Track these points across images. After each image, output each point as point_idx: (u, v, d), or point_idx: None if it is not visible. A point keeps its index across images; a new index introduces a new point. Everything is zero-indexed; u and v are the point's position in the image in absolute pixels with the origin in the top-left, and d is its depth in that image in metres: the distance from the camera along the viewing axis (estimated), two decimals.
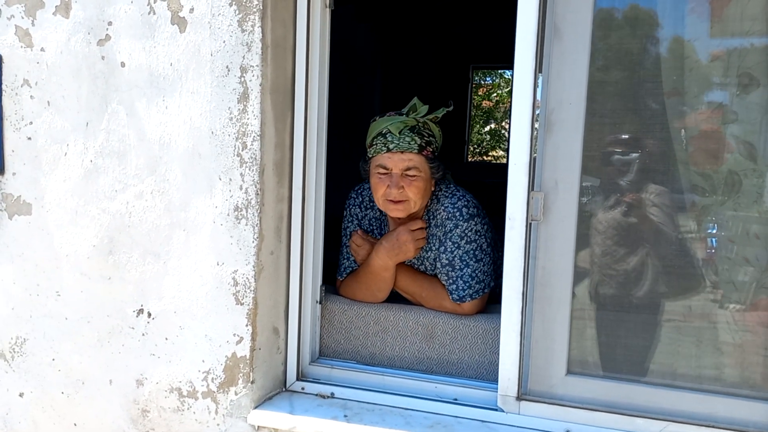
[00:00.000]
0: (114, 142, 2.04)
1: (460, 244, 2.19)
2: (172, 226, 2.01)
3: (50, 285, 2.16)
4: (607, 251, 1.87)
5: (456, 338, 2.14)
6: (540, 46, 1.82)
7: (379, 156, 2.18)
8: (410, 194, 2.15)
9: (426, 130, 2.20)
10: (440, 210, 2.23)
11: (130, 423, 2.12)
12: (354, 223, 2.37)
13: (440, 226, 2.22)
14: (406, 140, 2.15)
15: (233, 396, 2.00)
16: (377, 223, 2.37)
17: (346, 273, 2.36)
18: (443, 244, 2.21)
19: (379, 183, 2.18)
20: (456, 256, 2.19)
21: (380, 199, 2.20)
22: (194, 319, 2.02)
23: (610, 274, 1.88)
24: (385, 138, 2.16)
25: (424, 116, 2.19)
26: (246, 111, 1.91)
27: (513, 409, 1.91)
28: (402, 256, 2.21)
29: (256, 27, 1.88)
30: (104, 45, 2.03)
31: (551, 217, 1.85)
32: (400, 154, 2.15)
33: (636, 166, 1.85)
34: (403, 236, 2.19)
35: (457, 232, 2.19)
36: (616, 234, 1.87)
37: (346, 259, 2.36)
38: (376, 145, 2.18)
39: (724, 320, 1.81)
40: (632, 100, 1.85)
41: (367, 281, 2.25)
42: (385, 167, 2.17)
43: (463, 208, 2.21)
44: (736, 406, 1.76)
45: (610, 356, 1.88)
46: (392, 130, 2.15)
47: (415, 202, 2.17)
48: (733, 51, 1.79)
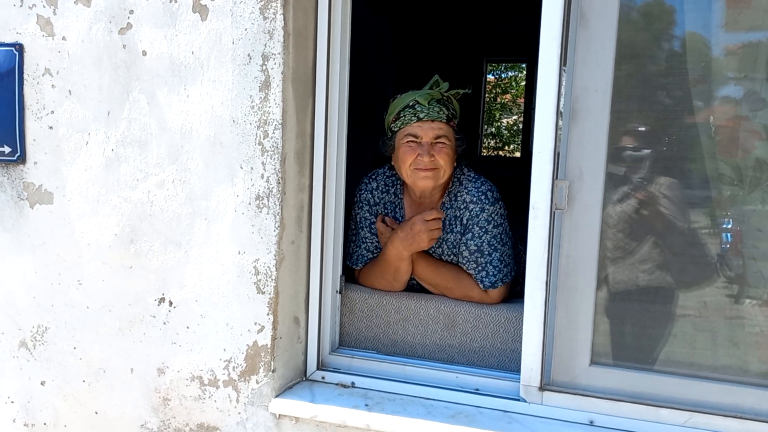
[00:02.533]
0: (135, 131, 2.04)
1: (487, 228, 2.18)
2: (193, 215, 2.01)
3: (71, 274, 2.17)
4: (632, 240, 1.85)
5: (477, 326, 2.13)
6: (565, 33, 1.80)
7: (408, 126, 2.20)
8: (441, 161, 2.17)
9: (450, 103, 2.24)
10: (463, 192, 2.23)
11: (151, 411, 2.13)
12: (365, 209, 2.34)
13: (463, 209, 2.22)
14: (435, 109, 2.18)
15: (254, 385, 2.00)
16: (392, 207, 2.36)
17: (360, 262, 2.35)
18: (470, 230, 2.20)
19: (409, 151, 2.18)
20: (484, 242, 2.18)
21: (408, 169, 2.19)
22: (215, 308, 2.02)
23: (635, 264, 1.86)
24: (414, 109, 2.19)
25: (447, 91, 2.23)
26: (268, 99, 1.90)
27: (535, 400, 1.90)
28: (416, 246, 2.19)
29: (278, 14, 1.87)
30: (125, 34, 2.03)
31: (576, 206, 1.84)
32: (431, 122, 2.18)
33: (661, 155, 1.83)
34: (417, 226, 2.17)
35: (484, 216, 2.19)
36: (641, 224, 1.85)
37: (358, 247, 2.35)
38: (405, 116, 2.20)
39: (751, 311, 1.79)
40: (659, 87, 1.82)
41: (382, 270, 2.25)
42: (415, 136, 2.19)
43: (488, 191, 2.21)
44: (762, 396, 1.74)
45: (635, 346, 1.86)
46: (420, 101, 2.19)
47: (444, 171, 2.19)
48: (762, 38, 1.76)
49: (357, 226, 2.36)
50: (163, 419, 2.12)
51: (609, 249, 1.85)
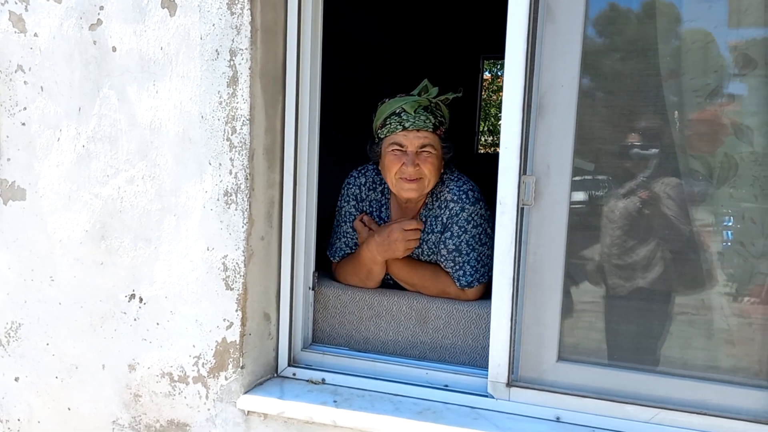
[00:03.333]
0: (106, 127, 2.05)
1: (467, 228, 2.18)
2: (162, 211, 2.01)
3: (44, 270, 2.17)
4: (599, 236, 1.84)
5: (449, 323, 2.13)
6: (533, 28, 1.79)
7: (393, 135, 2.18)
8: (425, 171, 2.15)
9: (438, 110, 2.21)
10: (444, 192, 2.22)
11: (123, 407, 2.13)
12: (351, 203, 2.34)
13: (444, 208, 2.21)
14: (421, 119, 2.16)
15: (223, 381, 2.00)
16: (377, 206, 2.35)
17: (338, 254, 2.34)
18: (449, 228, 2.19)
19: (395, 160, 2.17)
20: (463, 241, 2.17)
21: (394, 178, 2.18)
22: (185, 304, 2.02)
23: (603, 260, 1.85)
24: (399, 117, 2.17)
25: (436, 97, 2.19)
26: (235, 95, 1.90)
27: (503, 396, 1.90)
28: (390, 254, 2.18)
29: (246, 10, 1.86)
30: (96, 30, 2.03)
31: (543, 202, 1.83)
32: (416, 132, 2.16)
33: (633, 150, 1.83)
34: (395, 234, 2.16)
35: (464, 215, 2.18)
36: (609, 219, 1.85)
37: (339, 240, 2.35)
38: (390, 124, 2.18)
39: (719, 307, 1.79)
40: (628, 82, 1.82)
41: (356, 269, 2.25)
42: (400, 145, 2.17)
43: (469, 191, 2.20)
44: (728, 393, 1.73)
45: (601, 343, 1.86)
46: (407, 109, 2.16)
47: (429, 180, 2.17)
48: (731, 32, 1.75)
49: (340, 219, 2.35)
50: (134, 415, 2.12)
51: (576, 245, 1.84)
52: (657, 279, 1.83)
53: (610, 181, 1.84)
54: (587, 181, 1.85)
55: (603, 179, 1.85)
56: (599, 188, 1.85)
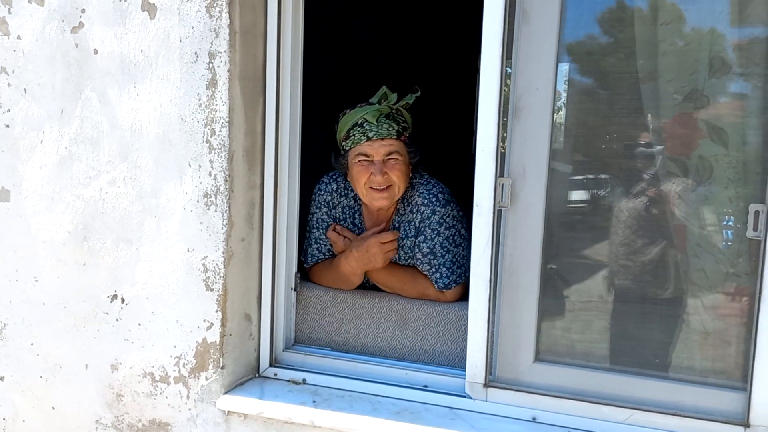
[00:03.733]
0: (88, 129, 2.06)
1: (439, 230, 2.18)
2: (144, 212, 2.02)
3: (28, 271, 2.19)
4: (575, 238, 1.85)
5: (429, 325, 2.14)
6: (510, 30, 1.80)
7: (358, 146, 2.18)
8: (394, 178, 2.16)
9: (400, 116, 2.21)
10: (415, 196, 2.23)
11: (105, 407, 2.15)
12: (323, 210, 2.33)
13: (416, 212, 2.22)
14: (384, 127, 2.16)
15: (204, 381, 2.02)
16: (350, 212, 2.35)
17: (312, 260, 2.35)
18: (422, 232, 2.20)
19: (362, 171, 2.17)
20: (437, 243, 2.18)
21: (363, 188, 2.19)
22: (166, 305, 2.03)
23: (579, 262, 1.86)
24: (362, 127, 2.17)
25: (396, 103, 2.20)
26: (214, 97, 1.91)
27: (480, 396, 1.91)
28: (371, 266, 2.20)
29: (224, 13, 1.88)
30: (78, 32, 2.04)
31: (519, 204, 1.84)
32: (381, 140, 2.16)
33: (608, 151, 1.84)
34: (373, 249, 2.18)
35: (435, 218, 2.18)
36: (585, 220, 1.86)
37: (310, 246, 2.35)
38: (354, 135, 2.18)
39: (693, 308, 1.79)
40: (604, 84, 1.83)
41: (334, 279, 2.26)
42: (366, 155, 2.17)
43: (439, 194, 2.21)
44: (701, 394, 1.74)
45: (578, 344, 1.87)
46: (369, 119, 2.16)
47: (399, 187, 2.18)
48: (706, 35, 1.76)
49: (312, 226, 2.35)
50: (117, 415, 2.14)
51: (552, 247, 1.85)
52: (633, 280, 1.84)
53: (587, 182, 1.85)
54: (564, 183, 1.86)
55: (580, 181, 1.86)
56: (576, 190, 1.86)
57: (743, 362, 1.73)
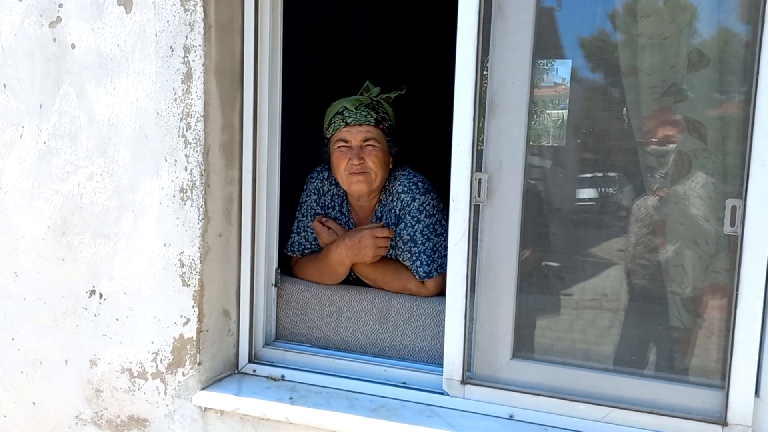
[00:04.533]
0: (66, 123, 2.05)
1: (419, 218, 2.19)
2: (121, 207, 2.02)
3: (9, 266, 2.19)
4: (552, 233, 1.83)
5: (409, 320, 2.12)
6: (485, 25, 1.78)
7: (338, 132, 2.24)
8: (370, 164, 2.19)
9: (380, 107, 2.27)
10: (395, 185, 2.26)
11: (85, 402, 2.14)
12: (312, 197, 2.35)
13: (396, 200, 2.24)
14: (362, 114, 2.22)
15: (181, 377, 2.01)
16: (339, 201, 2.36)
17: (297, 249, 2.36)
18: (402, 219, 2.21)
19: (341, 156, 2.22)
20: (417, 231, 2.18)
21: (343, 174, 2.22)
22: (143, 301, 2.02)
23: (555, 257, 1.84)
24: (342, 115, 2.24)
25: (377, 96, 2.26)
26: (189, 91, 1.90)
27: (458, 393, 1.89)
28: (359, 258, 2.19)
29: (198, 6, 1.87)
30: (55, 27, 2.03)
31: (495, 199, 1.82)
32: (358, 126, 2.22)
33: (586, 145, 1.81)
34: (366, 240, 2.17)
35: (415, 205, 2.20)
36: (561, 216, 1.84)
37: (297, 235, 2.36)
38: (335, 122, 2.25)
39: (671, 305, 1.77)
40: (582, 78, 1.81)
41: (320, 270, 2.25)
42: (344, 140, 2.23)
43: (419, 182, 2.23)
44: (679, 392, 1.71)
45: (555, 341, 1.85)
46: (348, 107, 2.23)
47: (375, 173, 2.21)
48: (684, 29, 1.74)
49: (301, 214, 2.36)
50: (96, 410, 2.14)
51: (529, 242, 1.83)
52: (611, 276, 1.82)
53: (563, 176, 1.83)
54: (540, 178, 1.84)
55: (556, 175, 1.84)
56: (554, 185, 1.84)
57: (721, 360, 1.70)
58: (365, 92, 2.27)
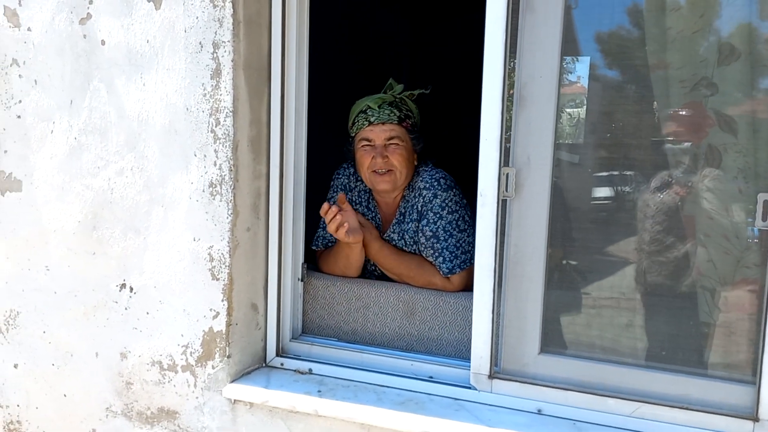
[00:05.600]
0: (96, 119, 2.08)
1: (442, 214, 2.20)
2: (151, 202, 2.04)
3: (40, 260, 2.22)
4: (580, 228, 1.83)
5: (436, 315, 2.13)
6: (514, 19, 1.78)
7: (361, 131, 2.26)
8: (395, 162, 2.21)
9: (404, 105, 2.28)
10: (418, 181, 2.27)
11: (115, 395, 2.17)
12: (339, 193, 2.36)
13: (418, 196, 2.25)
14: (385, 112, 2.23)
15: (210, 370, 2.03)
16: (365, 197, 2.40)
17: (321, 242, 2.39)
18: (425, 216, 2.21)
19: (365, 155, 2.24)
20: (439, 227, 2.19)
21: (366, 172, 2.25)
22: (173, 294, 2.05)
23: (585, 252, 1.83)
24: (365, 114, 2.25)
25: (400, 93, 2.27)
26: (219, 87, 1.91)
27: (485, 388, 1.90)
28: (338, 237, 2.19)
29: (227, 2, 1.88)
30: (86, 23, 2.06)
31: (524, 194, 1.82)
32: (381, 125, 2.23)
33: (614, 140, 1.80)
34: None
35: (437, 201, 2.21)
36: (590, 211, 1.83)
37: (322, 229, 2.39)
38: (358, 121, 2.27)
39: (702, 300, 1.76)
40: (610, 73, 1.80)
41: (335, 256, 2.30)
42: (368, 139, 2.24)
43: (441, 179, 2.24)
44: (709, 387, 1.71)
45: (583, 336, 1.84)
46: (372, 106, 2.24)
47: (400, 172, 2.23)
48: (714, 22, 1.72)
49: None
50: (126, 402, 2.17)
51: (558, 237, 1.83)
52: (641, 271, 1.81)
53: (593, 171, 1.82)
54: (569, 172, 1.83)
55: (586, 171, 1.83)
56: (582, 180, 1.83)
57: (752, 355, 1.69)
58: (388, 90, 2.28)
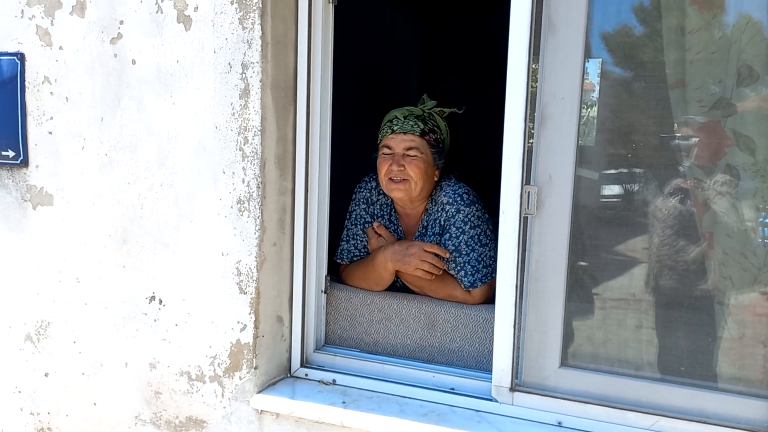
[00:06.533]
0: (126, 136, 2.14)
1: (464, 229, 2.24)
2: (180, 217, 2.10)
3: (71, 272, 2.28)
4: (600, 245, 1.87)
5: (457, 327, 2.18)
6: (535, 39, 1.82)
7: (384, 138, 2.33)
8: (411, 173, 2.25)
9: (431, 119, 2.32)
10: (441, 196, 2.32)
11: (144, 404, 2.23)
12: (361, 206, 2.44)
13: (441, 210, 2.30)
14: (409, 123, 2.30)
15: (238, 381, 2.08)
16: (387, 210, 2.44)
17: (347, 256, 2.43)
18: (447, 230, 2.26)
19: (383, 162, 2.30)
20: (462, 242, 2.24)
21: (383, 179, 2.31)
22: (201, 307, 2.10)
23: (604, 269, 1.88)
24: (391, 123, 2.32)
25: (431, 109, 2.33)
26: (247, 106, 1.97)
27: (506, 400, 1.94)
28: (401, 266, 2.26)
29: (256, 24, 1.93)
30: (116, 43, 2.11)
31: (545, 211, 1.86)
32: (403, 134, 2.29)
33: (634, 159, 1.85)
34: (413, 249, 2.25)
35: (460, 216, 2.25)
36: (610, 228, 1.87)
37: (346, 242, 2.44)
38: (383, 130, 2.35)
39: (719, 316, 1.80)
40: (630, 92, 1.84)
41: (366, 274, 2.32)
42: (388, 147, 2.31)
43: (464, 194, 2.29)
44: (726, 401, 1.75)
45: (603, 350, 1.89)
46: (398, 116, 2.32)
47: (415, 183, 2.27)
48: (734, 43, 1.76)
49: (351, 223, 2.45)
50: (155, 411, 2.22)
51: (578, 253, 1.87)
52: (659, 288, 1.85)
53: (612, 190, 1.87)
54: (589, 191, 1.88)
55: (607, 189, 1.88)
56: (602, 198, 1.88)
57: None
58: (420, 104, 2.34)
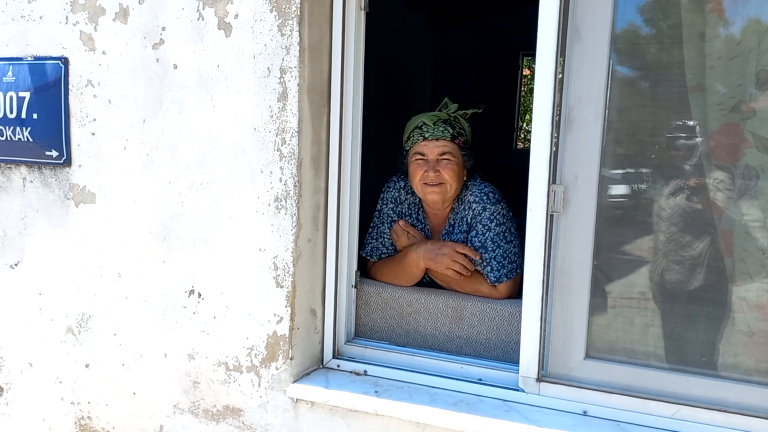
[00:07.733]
0: (168, 137, 2.23)
1: (490, 226, 2.33)
2: (218, 214, 2.19)
3: (112, 267, 2.38)
4: (624, 242, 1.95)
5: (483, 320, 2.27)
6: (561, 46, 1.91)
7: (416, 145, 2.41)
8: (446, 176, 2.35)
9: (457, 123, 2.42)
10: (467, 195, 2.42)
11: (182, 393, 2.33)
12: (389, 206, 2.52)
13: (468, 209, 2.40)
14: (440, 129, 2.38)
15: (274, 371, 2.18)
16: (415, 209, 2.53)
17: (375, 254, 2.52)
18: (474, 227, 2.36)
19: (417, 168, 2.38)
20: (488, 239, 2.33)
21: (418, 184, 2.39)
22: (239, 300, 2.20)
23: (628, 265, 1.96)
24: (421, 129, 2.40)
25: (455, 112, 2.40)
26: (285, 109, 2.06)
27: (533, 390, 2.03)
28: (433, 265, 2.35)
29: (294, 31, 2.02)
30: (158, 49, 2.21)
31: (570, 210, 1.95)
32: (435, 141, 2.37)
33: (656, 160, 1.93)
34: (446, 249, 2.34)
35: (486, 214, 2.35)
36: (633, 225, 1.95)
37: (375, 239, 2.53)
38: (413, 137, 2.42)
39: (739, 309, 1.88)
40: (651, 96, 1.92)
41: (397, 271, 2.41)
42: (422, 154, 2.39)
43: (490, 193, 2.39)
44: (746, 392, 1.83)
45: (626, 342, 1.97)
46: (427, 122, 2.39)
47: (450, 185, 2.37)
48: (753, 48, 1.84)
49: (379, 221, 2.54)
50: (193, 401, 2.32)
51: (602, 250, 1.96)
52: (680, 282, 1.93)
53: (635, 189, 1.95)
54: (614, 190, 1.96)
55: (629, 188, 1.96)
56: (625, 196, 1.96)
57: None
58: (443, 108, 2.42)
